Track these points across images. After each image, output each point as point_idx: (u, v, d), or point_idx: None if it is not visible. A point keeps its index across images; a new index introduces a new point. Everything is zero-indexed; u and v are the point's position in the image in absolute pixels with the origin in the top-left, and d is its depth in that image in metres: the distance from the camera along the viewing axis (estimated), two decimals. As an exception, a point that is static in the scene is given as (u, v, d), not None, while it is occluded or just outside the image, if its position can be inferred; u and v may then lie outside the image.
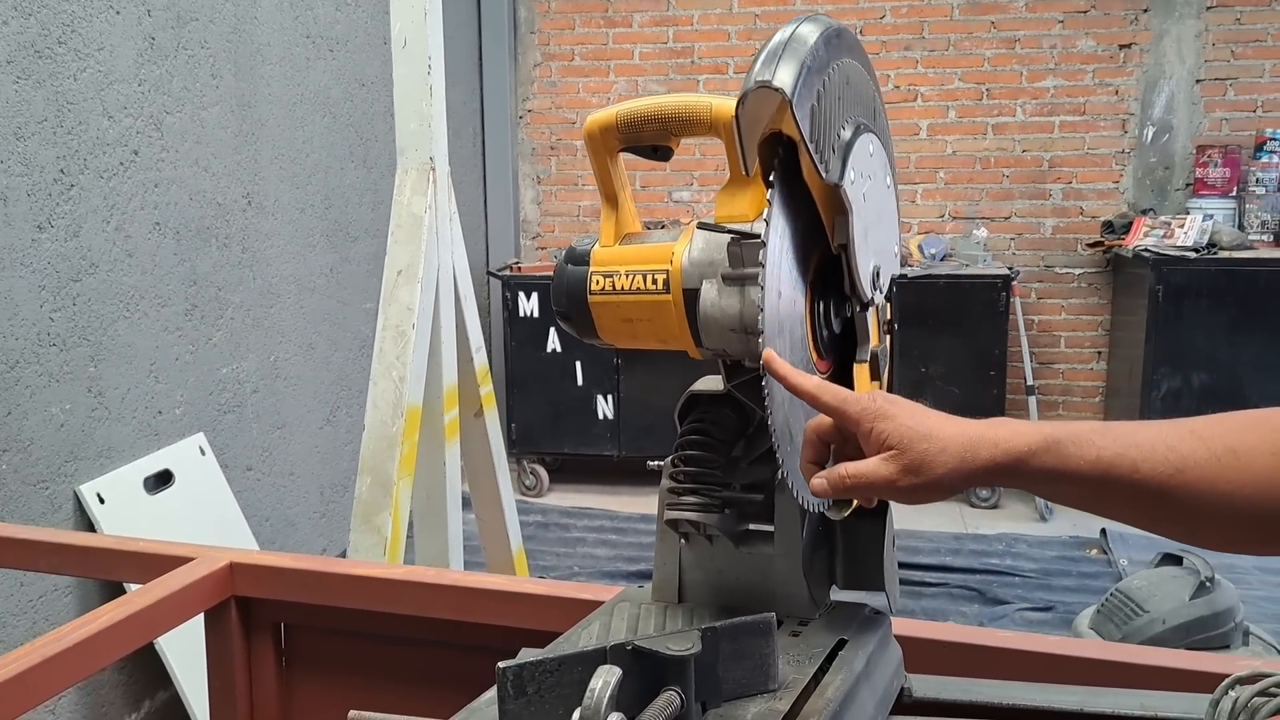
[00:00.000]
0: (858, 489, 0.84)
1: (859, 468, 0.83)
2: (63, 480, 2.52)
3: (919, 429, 0.81)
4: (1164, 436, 0.78)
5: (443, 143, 2.13)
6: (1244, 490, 0.76)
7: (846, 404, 0.84)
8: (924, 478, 0.80)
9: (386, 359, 2.06)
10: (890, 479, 0.81)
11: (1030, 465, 0.78)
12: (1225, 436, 0.78)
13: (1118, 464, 0.77)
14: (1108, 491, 0.78)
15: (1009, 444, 0.79)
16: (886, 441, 0.81)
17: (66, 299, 2.52)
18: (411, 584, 1.46)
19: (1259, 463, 0.77)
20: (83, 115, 2.54)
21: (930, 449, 0.80)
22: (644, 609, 1.12)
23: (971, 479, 0.80)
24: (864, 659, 1.01)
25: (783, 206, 0.87)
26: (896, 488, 0.81)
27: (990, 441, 0.80)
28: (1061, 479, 0.79)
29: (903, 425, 0.81)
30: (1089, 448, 0.78)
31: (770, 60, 0.84)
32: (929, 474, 0.80)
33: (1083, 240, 5.16)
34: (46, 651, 1.26)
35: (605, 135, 1.03)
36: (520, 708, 0.85)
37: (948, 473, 0.80)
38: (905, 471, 0.81)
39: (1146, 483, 0.77)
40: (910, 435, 0.81)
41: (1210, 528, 0.79)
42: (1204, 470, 0.77)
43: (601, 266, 1.03)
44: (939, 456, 0.80)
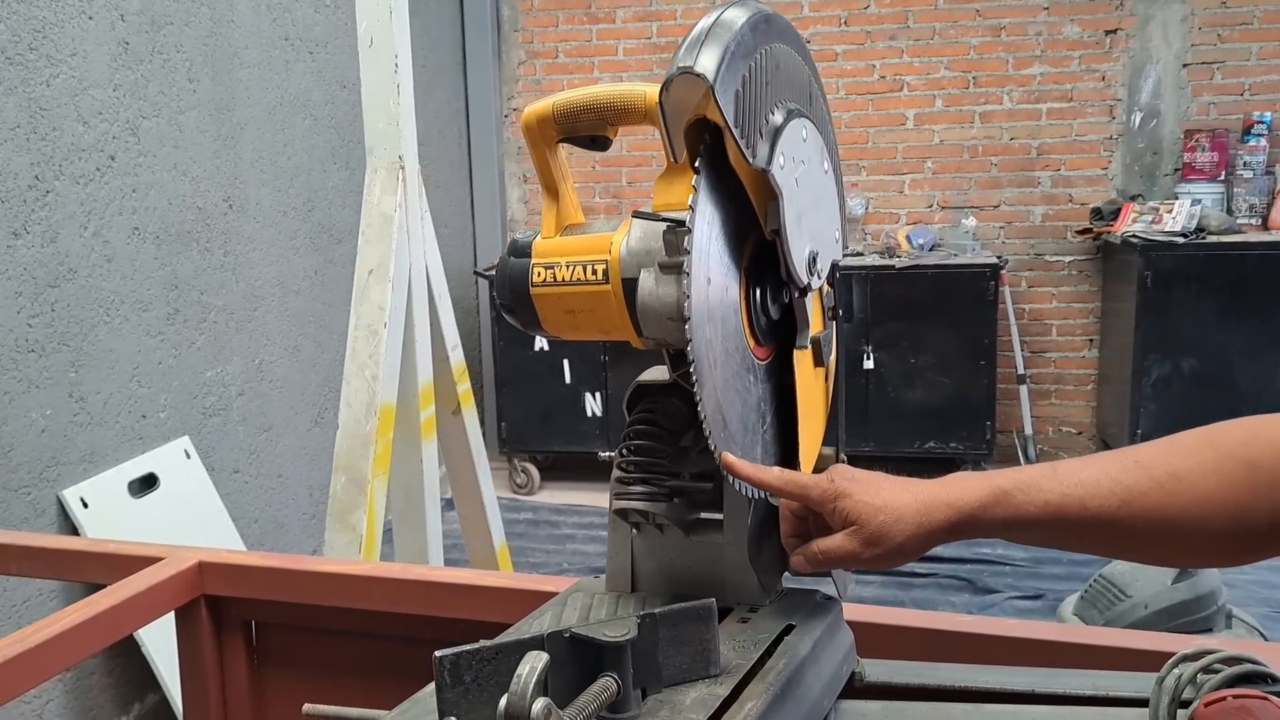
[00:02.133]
0: (829, 563, 0.91)
1: (827, 544, 0.90)
2: (45, 485, 2.53)
3: (874, 503, 0.87)
4: (1108, 470, 0.83)
5: (412, 142, 2.14)
6: (1191, 512, 0.80)
7: (807, 490, 0.91)
8: (885, 547, 0.86)
9: (359, 358, 2.07)
10: (855, 552, 0.88)
11: (984, 519, 0.84)
12: (1168, 463, 0.82)
13: (1066, 505, 0.82)
14: (1061, 531, 0.84)
15: (960, 503, 0.85)
16: (847, 518, 0.88)
17: (45, 305, 2.52)
18: (377, 579, 1.47)
19: (1201, 485, 0.80)
20: (57, 121, 2.55)
21: (887, 520, 0.86)
22: (597, 599, 1.13)
23: (931, 540, 0.86)
24: (810, 644, 1.01)
25: (710, 192, 0.87)
26: (862, 559, 0.88)
27: (943, 503, 0.85)
28: (1015, 526, 0.85)
29: (859, 501, 0.87)
30: (1036, 494, 0.83)
31: (693, 46, 0.84)
32: (889, 543, 0.86)
33: (1072, 227, 5.16)
34: (9, 651, 1.26)
35: (543, 126, 1.03)
36: (457, 695, 0.85)
37: (906, 539, 0.86)
38: (867, 544, 0.87)
39: (1096, 517, 0.82)
40: (867, 510, 0.87)
41: (1169, 549, 0.86)
42: (1149, 498, 0.81)
43: (543, 258, 1.04)
44: (896, 526, 0.86)
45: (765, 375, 0.99)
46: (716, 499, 1.07)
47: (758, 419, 0.97)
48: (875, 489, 0.88)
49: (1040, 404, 5.25)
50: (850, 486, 0.88)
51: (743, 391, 0.94)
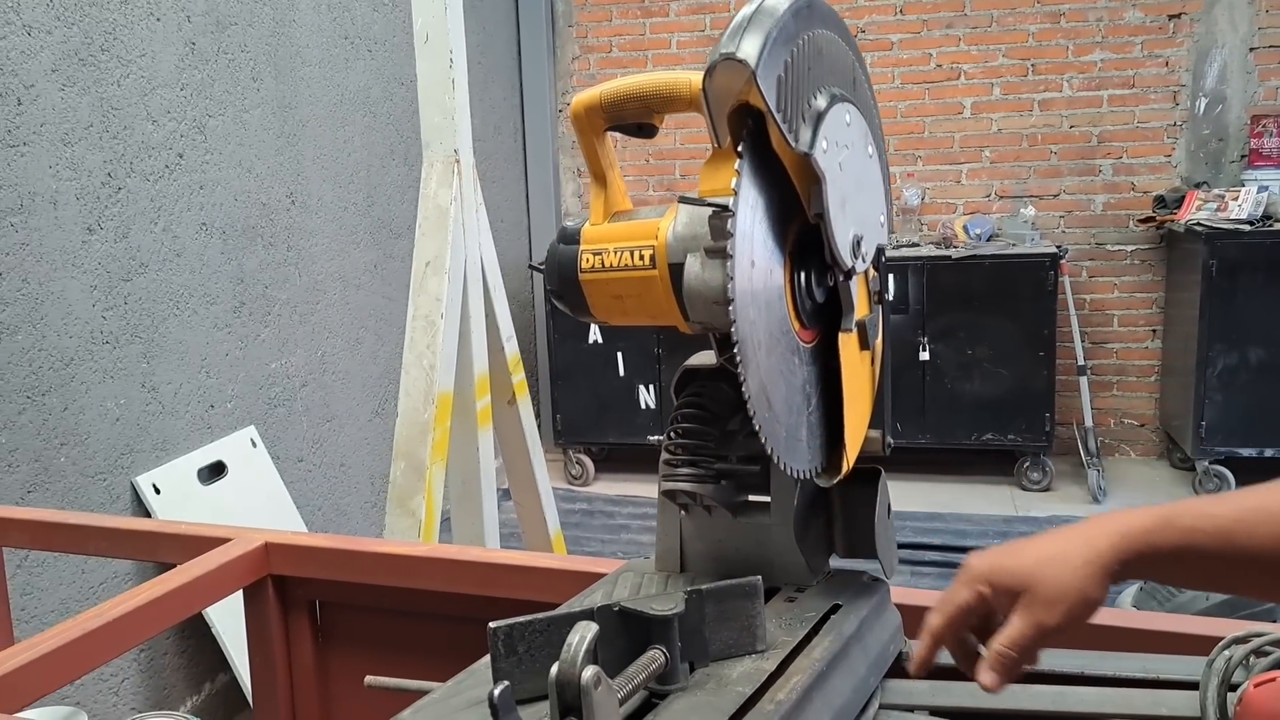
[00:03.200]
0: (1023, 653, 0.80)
1: (1008, 635, 0.80)
2: (120, 472, 2.62)
3: (1028, 561, 0.79)
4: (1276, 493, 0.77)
5: (467, 135, 2.18)
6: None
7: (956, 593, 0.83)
8: (1068, 601, 0.78)
9: (417, 348, 2.12)
10: (1040, 622, 0.78)
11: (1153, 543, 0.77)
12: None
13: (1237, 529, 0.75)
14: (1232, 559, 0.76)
15: (1127, 527, 0.77)
16: (1009, 588, 0.79)
17: (118, 298, 2.61)
18: (436, 560, 1.51)
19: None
20: (127, 120, 2.64)
21: (1054, 570, 0.78)
22: (646, 578, 1.15)
23: (1106, 574, 0.78)
24: (856, 623, 1.03)
25: (753, 177, 0.89)
26: (1050, 627, 0.78)
27: (1105, 531, 0.78)
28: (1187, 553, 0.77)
29: (1013, 566, 0.79)
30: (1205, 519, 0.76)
31: (736, 33, 0.86)
32: (1070, 593, 0.77)
33: (1134, 216, 5.07)
34: (89, 625, 1.32)
35: (590, 115, 1.06)
36: (511, 665, 0.88)
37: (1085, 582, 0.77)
38: (1047, 606, 0.78)
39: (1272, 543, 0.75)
40: (1024, 570, 0.79)
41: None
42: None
43: (591, 244, 1.06)
44: (1066, 572, 0.77)
45: (811, 358, 1.01)
46: (763, 481, 1.09)
47: (803, 401, 0.99)
48: (1018, 549, 0.80)
49: (1101, 395, 5.17)
50: (996, 558, 0.80)
51: (787, 374, 0.96)
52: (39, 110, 2.37)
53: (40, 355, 2.39)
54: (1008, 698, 1.06)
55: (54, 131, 2.41)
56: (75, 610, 2.47)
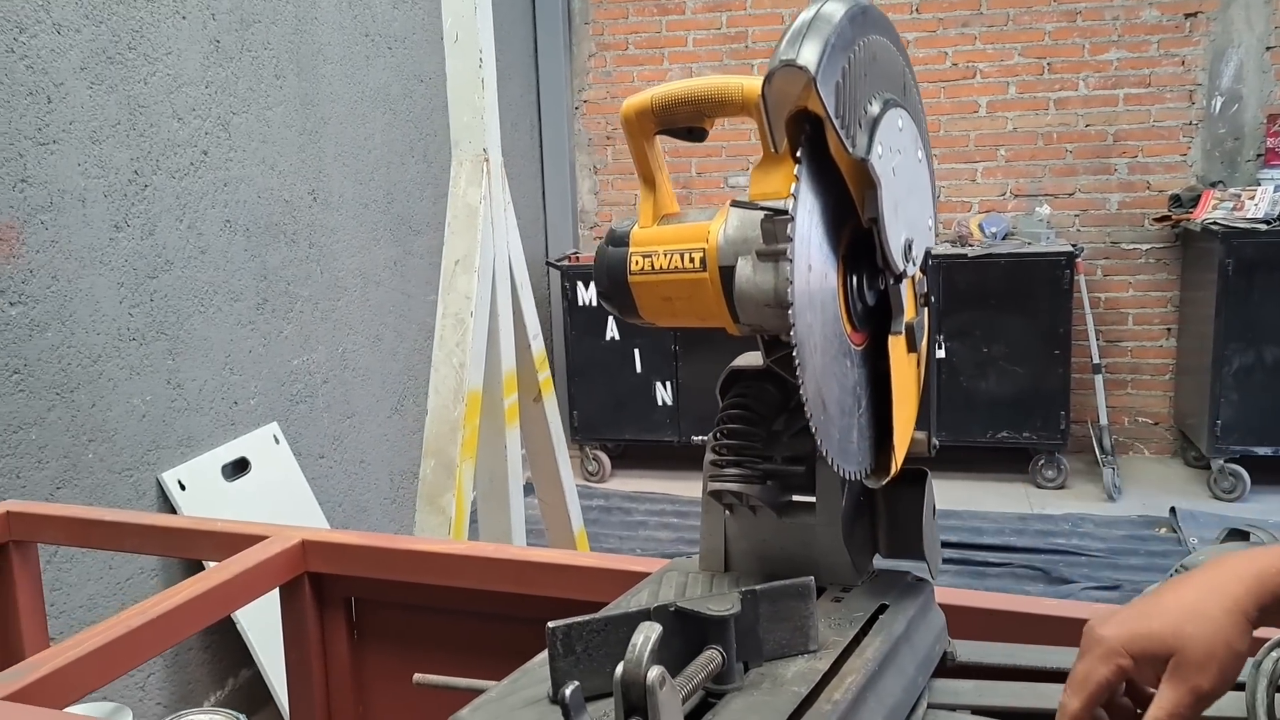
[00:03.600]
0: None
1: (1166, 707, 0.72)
2: (146, 468, 2.64)
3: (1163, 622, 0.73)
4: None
5: (495, 134, 2.19)
6: None
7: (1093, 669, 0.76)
8: (1218, 658, 0.71)
9: (446, 346, 2.13)
10: (1196, 688, 0.71)
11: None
12: None
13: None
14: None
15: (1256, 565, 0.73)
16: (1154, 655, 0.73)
17: (144, 295, 2.63)
18: (473, 558, 1.52)
19: None
20: (154, 118, 2.65)
21: (1195, 628, 0.71)
22: (691, 577, 1.16)
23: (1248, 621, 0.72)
24: (904, 623, 1.03)
25: (811, 182, 0.90)
26: (1204, 692, 0.71)
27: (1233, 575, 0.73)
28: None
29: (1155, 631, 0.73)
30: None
31: (795, 39, 0.87)
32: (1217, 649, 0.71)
33: (1149, 215, 5.07)
34: (133, 622, 1.34)
35: (641, 119, 1.06)
36: (569, 665, 0.89)
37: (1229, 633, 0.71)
38: (1197, 669, 0.71)
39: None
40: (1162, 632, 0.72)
41: None
42: None
43: (640, 247, 1.07)
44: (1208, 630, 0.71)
45: (861, 360, 1.02)
46: (808, 482, 1.10)
47: (854, 403, 1.00)
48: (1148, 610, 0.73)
49: (1116, 394, 5.17)
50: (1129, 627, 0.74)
51: (840, 376, 0.97)
52: (68, 108, 2.39)
53: (69, 352, 2.40)
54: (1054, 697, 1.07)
55: (83, 129, 2.43)
56: (103, 605, 2.49)
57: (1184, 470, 5.02)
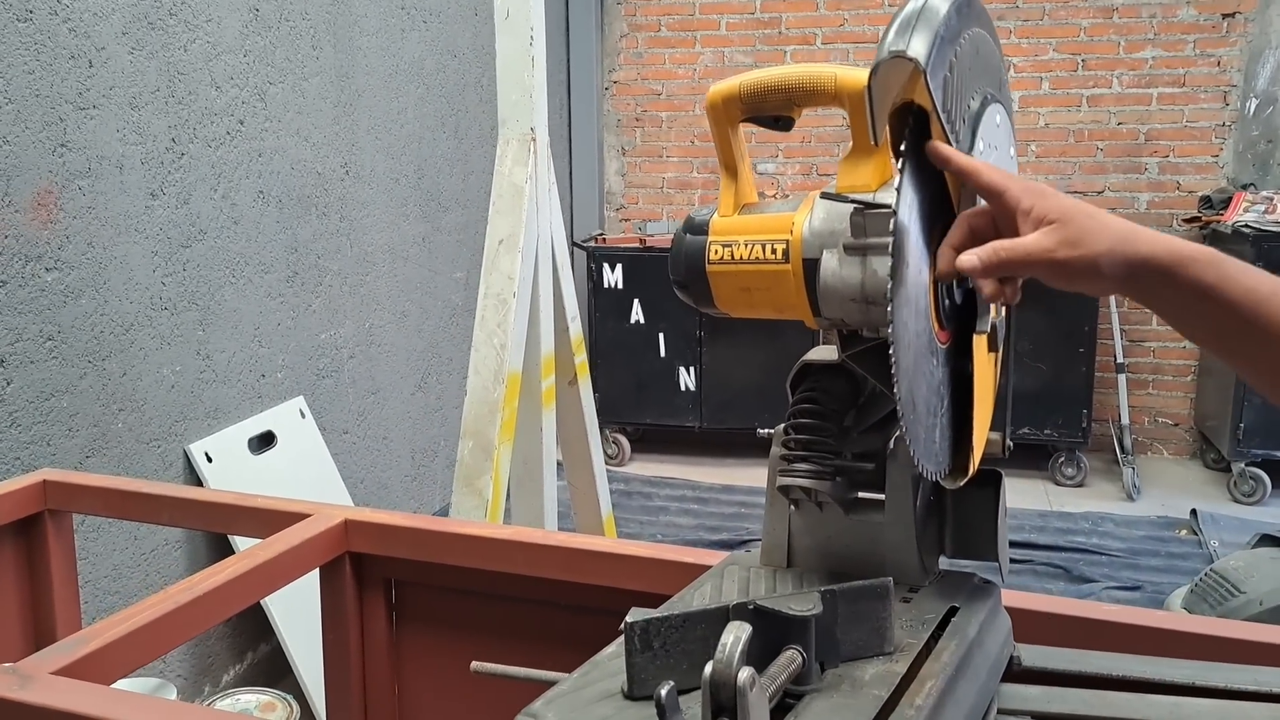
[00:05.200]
0: (1011, 261, 0.83)
1: (1014, 241, 0.82)
2: (173, 439, 2.63)
3: (1082, 206, 0.82)
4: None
5: (543, 113, 2.16)
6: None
7: (1008, 181, 0.84)
8: (1082, 250, 0.80)
9: (488, 326, 2.11)
10: (1049, 249, 0.81)
11: (1187, 271, 0.79)
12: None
13: (1270, 300, 0.77)
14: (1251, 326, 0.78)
15: (1172, 243, 0.79)
16: (1048, 216, 0.81)
17: (177, 264, 2.61)
18: (518, 544, 1.50)
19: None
20: (192, 85, 2.63)
21: (1091, 224, 0.80)
22: (753, 572, 1.15)
23: (1129, 265, 0.80)
24: (976, 626, 1.02)
25: (912, 177, 0.88)
26: (1054, 259, 0.81)
27: (1152, 236, 0.80)
28: (1211, 297, 0.78)
29: (1065, 202, 0.82)
30: (1248, 277, 0.78)
31: (904, 30, 0.85)
32: (1088, 247, 0.80)
33: (1179, 215, 5.03)
34: (180, 599, 1.33)
35: (728, 106, 1.04)
36: (646, 660, 0.88)
37: (1107, 250, 0.80)
38: (1064, 243, 0.80)
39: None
40: (1073, 210, 0.81)
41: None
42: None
43: (720, 236, 1.05)
44: (1100, 232, 0.80)
45: (945, 359, 1.00)
46: (877, 479, 1.08)
47: (938, 402, 0.98)
48: (1081, 203, 0.83)
49: (1137, 393, 5.14)
50: (1054, 191, 0.83)
51: (927, 375, 0.95)
52: (109, 73, 2.36)
53: (102, 320, 2.39)
54: (1124, 706, 1.06)
55: (122, 95, 2.41)
56: (127, 576, 2.48)
57: (1203, 472, 5.00)
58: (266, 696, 1.19)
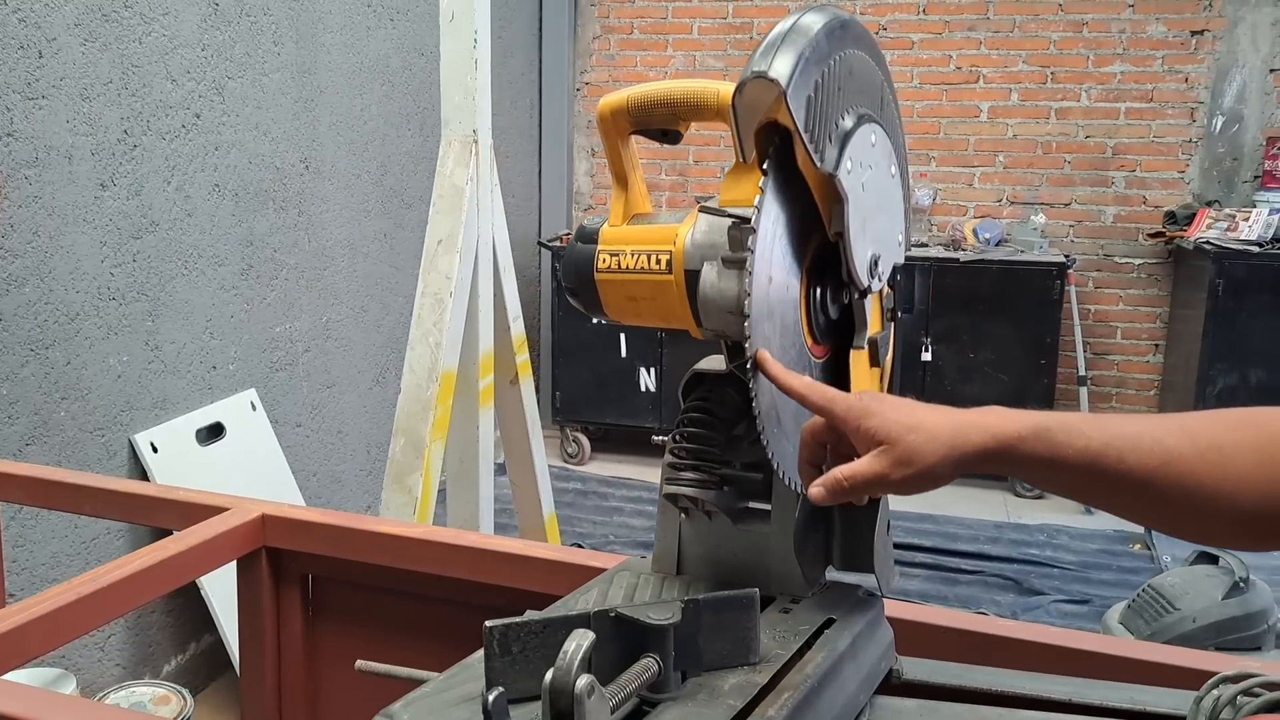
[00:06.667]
0: (854, 489, 0.85)
1: (852, 468, 0.85)
2: (118, 429, 2.62)
3: (906, 421, 0.83)
4: (1152, 430, 0.80)
5: (486, 116, 2.17)
6: (1225, 487, 0.78)
7: (834, 403, 0.86)
8: (916, 468, 0.82)
9: (424, 325, 2.12)
10: (883, 473, 0.83)
11: (1020, 451, 0.80)
12: (1212, 434, 0.80)
13: (1105, 454, 0.79)
14: (1094, 480, 0.80)
15: (999, 430, 0.81)
16: (875, 437, 0.83)
17: (127, 255, 2.61)
18: (430, 543, 1.51)
19: (1241, 461, 0.78)
20: (147, 78, 2.62)
21: (918, 440, 0.82)
22: (642, 579, 1.16)
23: (963, 465, 0.82)
24: (849, 638, 1.03)
25: (776, 193, 0.89)
26: (890, 481, 0.83)
27: (980, 428, 0.81)
28: (1050, 466, 0.80)
29: (889, 420, 0.83)
30: (1078, 437, 0.79)
31: (769, 50, 0.86)
32: (920, 464, 0.82)
33: (1144, 230, 5.07)
34: (83, 589, 1.33)
35: (616, 118, 1.05)
36: (505, 665, 0.89)
37: (938, 461, 0.82)
38: (897, 464, 0.82)
39: (1132, 474, 0.78)
40: (897, 428, 0.83)
41: (1191, 522, 0.81)
42: (1189, 464, 0.78)
43: (609, 245, 1.06)
44: (928, 445, 0.82)
45: (821, 373, 1.01)
46: (765, 489, 1.09)
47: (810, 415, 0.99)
48: (907, 409, 0.84)
49: (1100, 407, 5.18)
50: (878, 405, 0.84)
51: (796, 389, 0.96)
52: (59, 64, 2.36)
53: (46, 309, 2.38)
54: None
55: (73, 86, 2.40)
56: (66, 564, 2.48)
57: (1162, 487, 5.03)
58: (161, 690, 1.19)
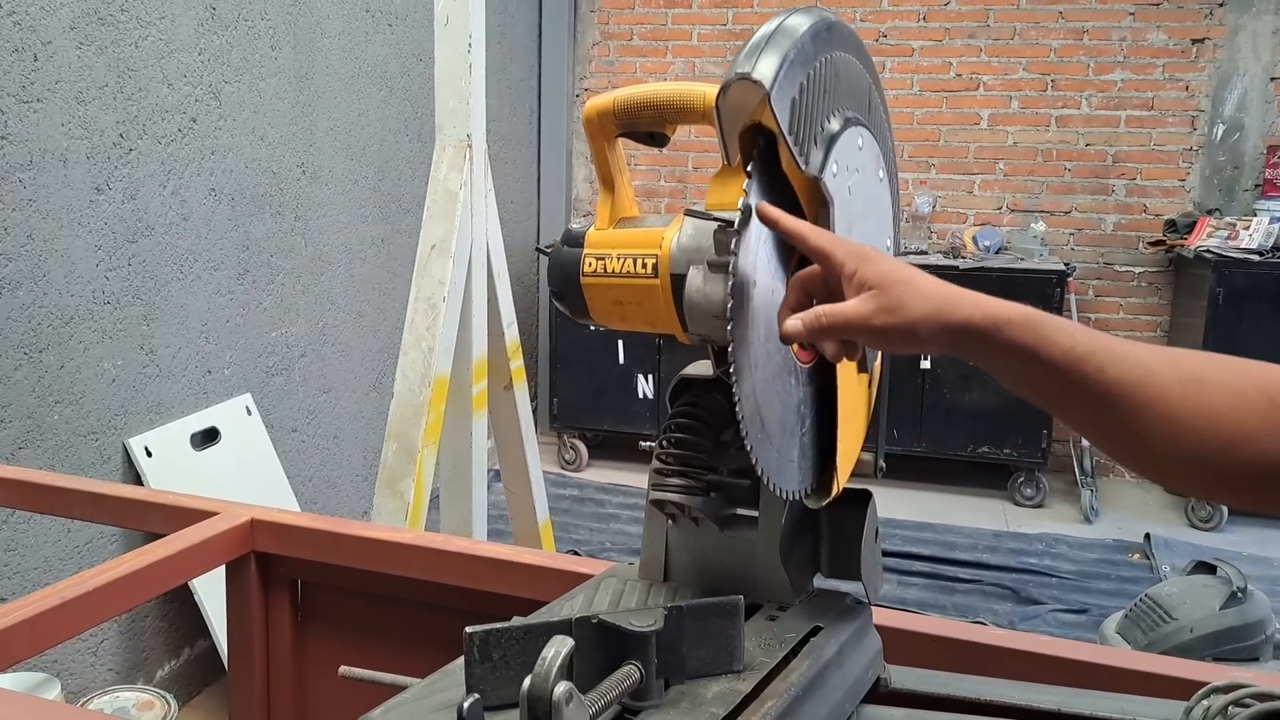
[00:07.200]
0: (832, 327, 0.84)
1: (835, 306, 0.84)
2: (112, 433, 2.62)
3: (900, 273, 0.83)
4: (1139, 351, 0.79)
5: (481, 121, 2.17)
6: (1196, 420, 0.76)
7: (834, 245, 0.85)
8: (899, 317, 0.81)
9: (417, 330, 2.11)
10: (866, 316, 0.82)
11: (1005, 334, 0.79)
12: (1196, 366, 0.78)
13: (1087, 360, 0.77)
14: (1071, 385, 0.78)
15: (990, 307, 0.80)
16: (867, 282, 0.82)
17: (122, 259, 2.60)
18: (419, 548, 1.50)
19: (1219, 398, 0.76)
20: (143, 82, 2.62)
21: (908, 292, 0.81)
22: (629, 585, 1.15)
23: (947, 331, 0.81)
24: (835, 646, 1.02)
25: (760, 197, 0.88)
26: (871, 326, 0.82)
27: (971, 301, 0.81)
28: (1031, 358, 0.79)
29: (884, 268, 0.83)
30: (1065, 337, 0.78)
31: (753, 52, 0.85)
32: (904, 314, 0.81)
33: (1145, 238, 5.06)
34: (68, 594, 1.32)
35: (603, 121, 1.05)
36: (485, 672, 0.88)
37: (923, 317, 0.81)
38: (881, 310, 0.81)
39: (1108, 385, 0.77)
40: (891, 277, 0.82)
41: (1153, 451, 0.79)
42: (1167, 390, 0.77)
43: (595, 249, 1.05)
44: (917, 300, 0.81)
45: (808, 379, 1.00)
46: (752, 496, 1.08)
47: (797, 421, 0.98)
48: (905, 267, 0.84)
49: (1100, 416, 5.16)
50: (877, 255, 0.84)
51: (783, 394, 0.95)
52: (55, 67, 2.36)
53: (40, 312, 2.38)
54: (984, 730, 1.06)
55: (68, 89, 2.40)
56: (59, 568, 2.47)
57: (1162, 496, 5.02)
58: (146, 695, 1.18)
